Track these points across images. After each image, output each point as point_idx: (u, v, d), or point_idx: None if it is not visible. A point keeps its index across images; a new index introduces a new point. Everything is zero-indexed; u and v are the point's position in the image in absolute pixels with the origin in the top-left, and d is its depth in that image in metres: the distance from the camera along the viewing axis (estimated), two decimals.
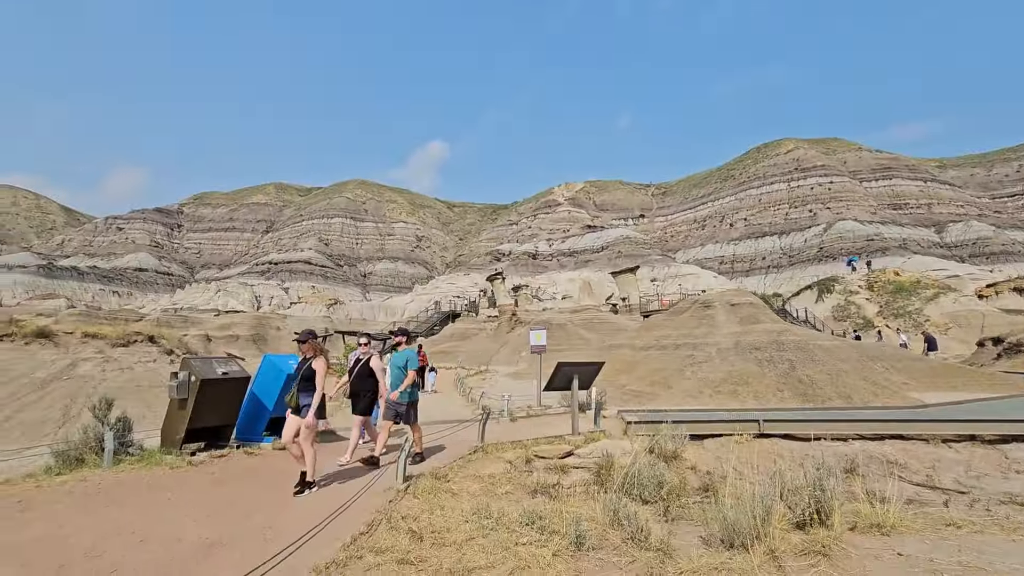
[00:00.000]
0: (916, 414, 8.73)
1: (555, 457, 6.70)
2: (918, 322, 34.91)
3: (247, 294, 73.25)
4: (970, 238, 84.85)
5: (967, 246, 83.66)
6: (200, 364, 6.99)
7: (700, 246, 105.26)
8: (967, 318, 34.53)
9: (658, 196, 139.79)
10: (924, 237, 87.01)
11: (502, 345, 34.37)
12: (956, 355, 25.68)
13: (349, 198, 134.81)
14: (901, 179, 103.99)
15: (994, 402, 10.40)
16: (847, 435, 7.63)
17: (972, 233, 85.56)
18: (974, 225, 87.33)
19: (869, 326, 35.59)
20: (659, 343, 18.03)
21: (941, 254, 79.13)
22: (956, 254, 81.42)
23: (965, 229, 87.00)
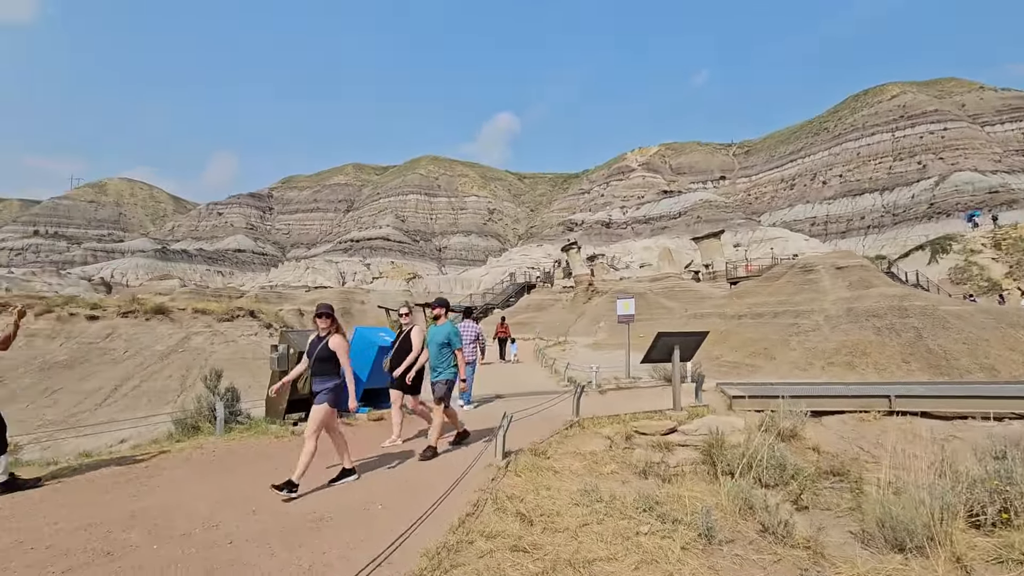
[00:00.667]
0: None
1: (657, 434, 6.25)
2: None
3: (333, 271, 77.41)
4: None
5: None
6: (297, 337, 7.15)
7: (788, 207, 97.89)
8: None
9: (740, 156, 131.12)
10: None
11: (579, 316, 33.86)
12: None
13: (422, 174, 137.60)
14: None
15: None
16: (1004, 414, 6.53)
17: None
18: None
19: (994, 289, 31.40)
20: (753, 311, 16.80)
21: None
22: None
23: None
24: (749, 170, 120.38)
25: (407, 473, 5.03)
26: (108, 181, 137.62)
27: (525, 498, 3.98)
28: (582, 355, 19.85)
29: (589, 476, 4.76)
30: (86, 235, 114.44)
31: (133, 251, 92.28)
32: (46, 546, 3.46)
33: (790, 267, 18.88)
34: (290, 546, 3.41)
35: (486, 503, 3.89)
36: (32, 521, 3.93)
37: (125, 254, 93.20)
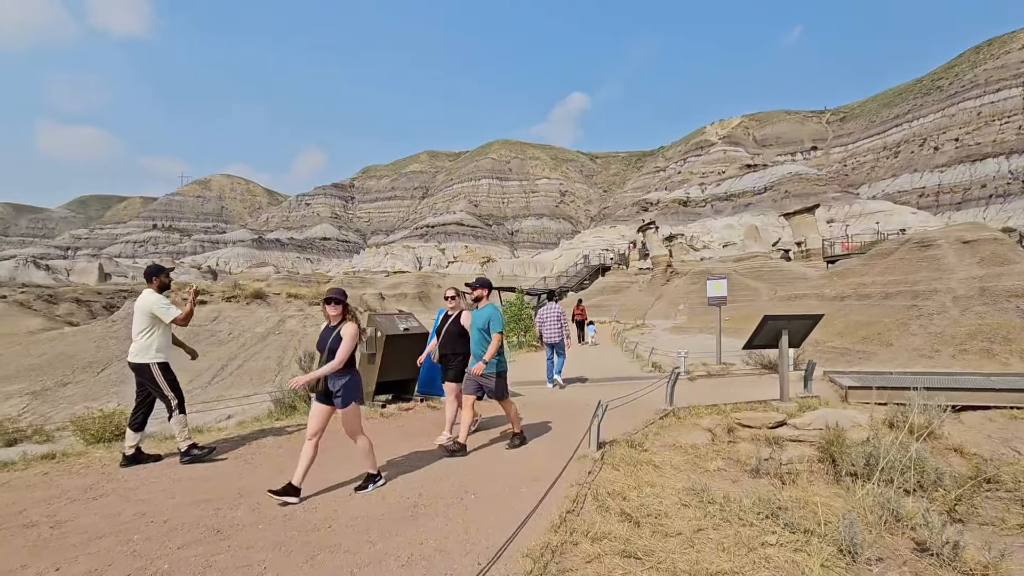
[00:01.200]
0: None
1: (764, 427, 5.70)
2: None
3: (410, 256, 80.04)
4: None
5: None
6: (384, 320, 7.23)
7: (891, 178, 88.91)
8: None
9: (835, 123, 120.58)
10: None
11: (657, 298, 32.67)
12: None
13: (494, 159, 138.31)
14: None
15: None
16: None
17: None
18: None
19: None
20: (858, 292, 15.28)
21: None
22: None
23: None
24: (845, 138, 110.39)
25: (496, 462, 4.89)
26: (211, 177, 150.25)
27: (627, 495, 3.68)
28: (663, 339, 19.05)
29: (693, 472, 4.38)
30: (195, 227, 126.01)
31: (234, 241, 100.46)
32: (164, 520, 3.62)
33: (902, 242, 16.94)
34: (388, 534, 3.34)
35: (585, 499, 3.63)
36: (154, 495, 4.17)
37: (227, 244, 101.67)
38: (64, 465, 4.99)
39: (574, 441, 5.42)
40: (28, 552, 3.19)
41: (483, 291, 5.24)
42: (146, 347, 4.94)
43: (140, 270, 79.80)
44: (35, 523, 3.66)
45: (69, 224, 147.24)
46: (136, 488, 4.30)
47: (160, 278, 5.19)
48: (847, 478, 4.81)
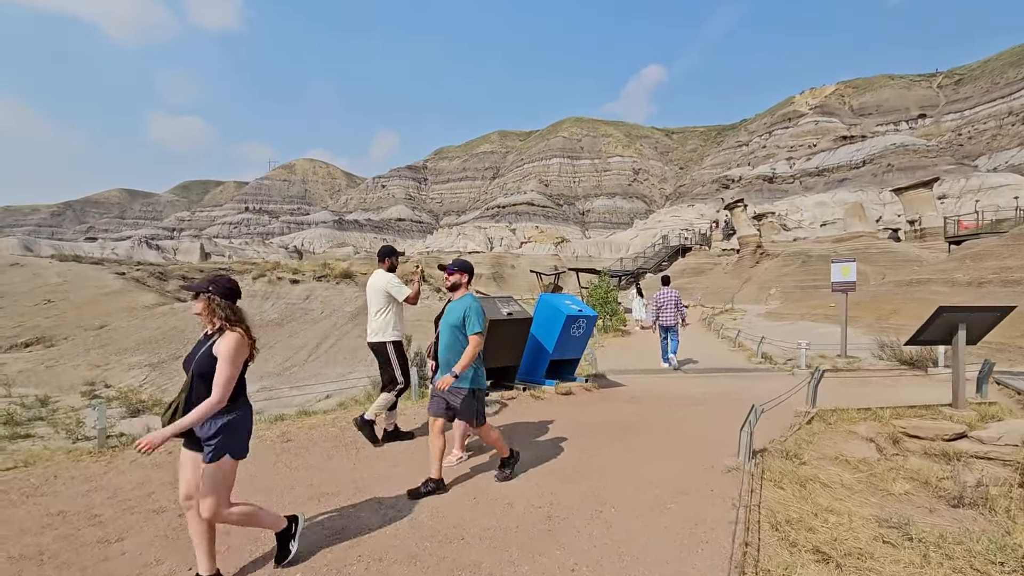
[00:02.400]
0: None
1: (938, 438, 4.79)
2: None
3: (481, 236, 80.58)
4: None
5: None
6: (486, 304, 6.86)
7: (1018, 147, 78.04)
8: None
9: (948, 88, 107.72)
10: None
11: (745, 281, 30.64)
12: None
13: (565, 137, 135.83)
14: None
15: None
16: None
17: None
18: None
19: None
20: (1002, 277, 13.29)
21: None
22: None
23: None
24: (961, 104, 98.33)
25: (627, 467, 4.38)
26: (295, 162, 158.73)
27: (810, 524, 3.06)
28: (760, 326, 17.66)
29: (874, 496, 3.66)
30: (282, 209, 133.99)
31: (316, 223, 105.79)
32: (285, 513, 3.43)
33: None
34: (529, 552, 2.93)
35: (760, 526, 3.04)
36: (274, 482, 4.04)
37: (311, 225, 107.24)
38: None
39: (708, 445, 4.81)
40: (161, 544, 3.07)
41: (462, 277, 3.99)
42: (384, 326, 5.05)
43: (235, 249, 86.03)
44: (164, 508, 3.59)
45: (174, 207, 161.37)
46: (255, 476, 4.20)
47: (391, 259, 5.27)
48: None
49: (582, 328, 7.39)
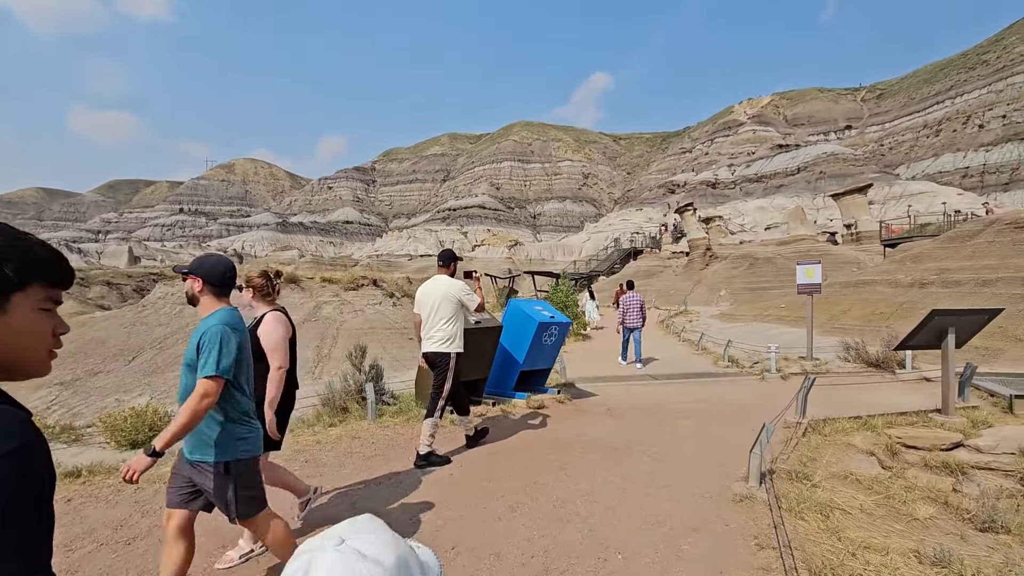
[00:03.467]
0: None
1: (935, 448, 4.59)
2: None
3: (432, 239, 79.28)
4: None
5: None
6: None
7: (932, 158, 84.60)
8: None
9: (871, 101, 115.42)
10: None
11: (696, 283, 31.27)
12: None
13: (515, 141, 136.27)
14: None
15: None
16: None
17: None
18: None
19: None
20: (942, 278, 13.85)
21: None
22: None
23: None
24: (882, 116, 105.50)
25: (626, 499, 3.87)
26: (235, 161, 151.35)
27: (851, 568, 2.64)
28: (716, 328, 17.81)
29: (897, 522, 3.32)
30: (220, 211, 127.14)
31: (258, 225, 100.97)
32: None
33: (988, 224, 15.40)
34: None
35: (797, 573, 2.59)
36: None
37: (252, 228, 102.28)
38: (90, 488, 4.14)
39: (707, 466, 4.39)
40: None
41: (196, 282, 2.34)
42: (452, 335, 4.64)
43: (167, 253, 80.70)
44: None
45: (99, 208, 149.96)
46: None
47: (455, 264, 4.92)
48: None
49: (554, 336, 6.89)
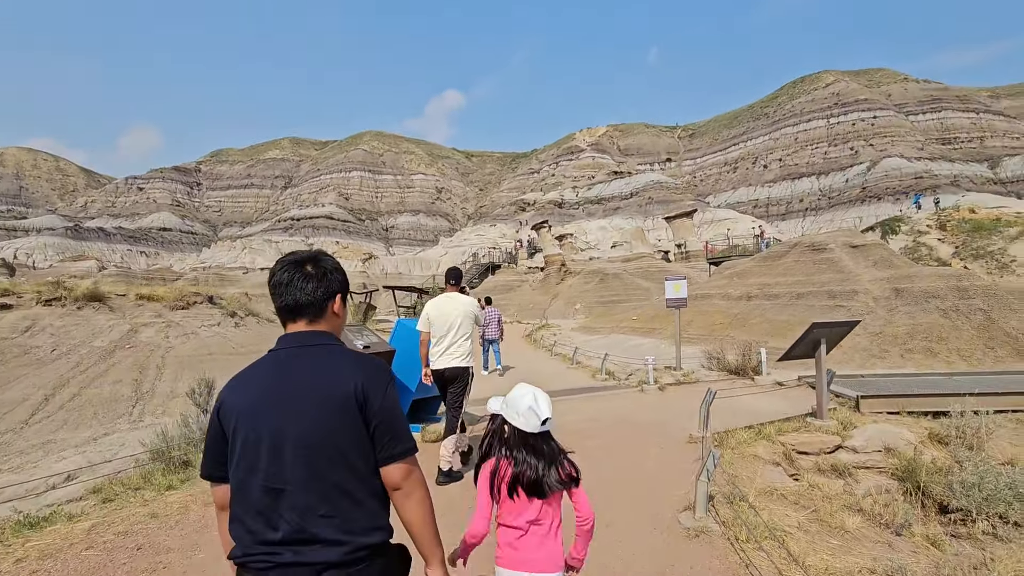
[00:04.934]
0: None
1: (822, 452, 4.93)
2: (1002, 263, 32.17)
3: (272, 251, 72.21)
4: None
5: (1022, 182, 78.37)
6: (352, 335, 5.23)
7: (732, 190, 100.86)
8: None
9: (685, 139, 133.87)
10: (977, 173, 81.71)
11: (552, 297, 32.65)
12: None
13: (366, 150, 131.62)
14: (951, 111, 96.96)
15: None
16: None
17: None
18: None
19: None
20: (765, 292, 16.03)
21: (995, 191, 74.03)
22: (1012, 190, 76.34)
23: (1022, 163, 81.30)
24: (694, 152, 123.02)
25: None
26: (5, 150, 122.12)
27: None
28: (579, 340, 18.55)
29: (832, 536, 3.34)
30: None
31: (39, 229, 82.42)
32: None
33: (792, 246, 18.30)
34: None
35: None
36: None
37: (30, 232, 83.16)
38: None
39: (642, 496, 4.12)
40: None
41: None
42: (470, 351, 4.74)
43: None
44: None
45: None
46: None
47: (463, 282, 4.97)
48: (956, 513, 4.15)
49: None
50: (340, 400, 1.32)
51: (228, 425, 1.35)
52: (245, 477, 1.31)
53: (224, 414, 1.36)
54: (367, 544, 1.29)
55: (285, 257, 1.55)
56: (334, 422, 1.31)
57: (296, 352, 1.41)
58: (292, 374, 1.36)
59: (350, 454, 1.31)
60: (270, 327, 14.17)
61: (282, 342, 1.45)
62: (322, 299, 1.48)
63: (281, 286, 1.47)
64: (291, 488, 1.28)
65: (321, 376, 1.36)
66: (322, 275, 1.50)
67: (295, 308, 1.47)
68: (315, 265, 1.51)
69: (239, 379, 1.42)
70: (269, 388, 1.36)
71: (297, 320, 1.47)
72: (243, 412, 1.34)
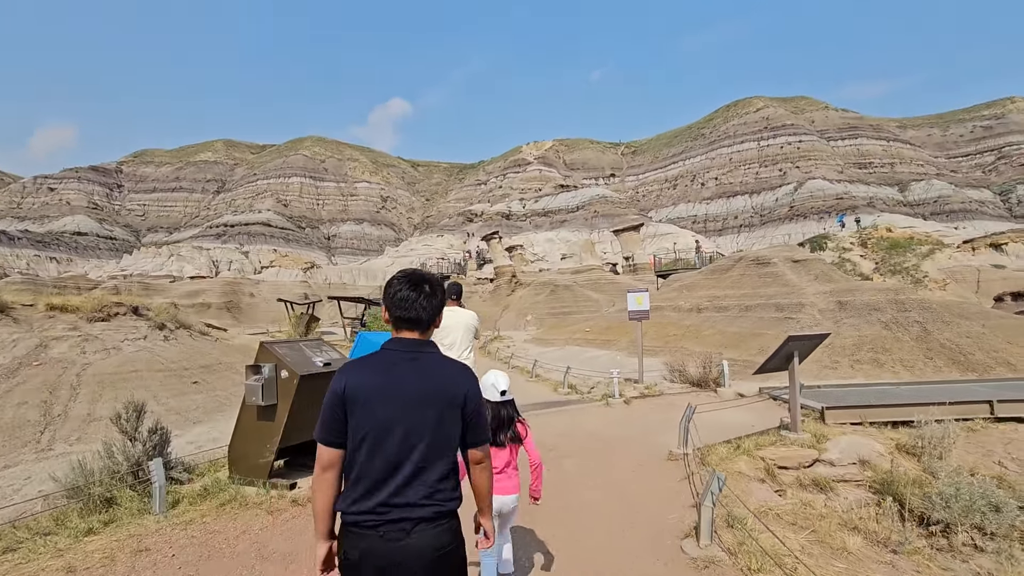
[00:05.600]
0: None
1: (801, 467, 4.88)
2: (916, 278, 34.99)
3: (203, 258, 68.05)
4: (931, 196, 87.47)
5: (929, 204, 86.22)
6: (290, 353, 4.67)
7: (672, 206, 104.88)
8: (962, 274, 34.86)
9: (628, 155, 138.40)
10: (889, 196, 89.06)
11: (503, 309, 32.41)
12: None
13: (307, 156, 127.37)
14: (866, 138, 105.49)
15: None
16: None
17: (933, 192, 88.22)
18: (935, 184, 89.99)
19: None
20: (714, 304, 16.47)
21: (906, 212, 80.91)
22: (919, 212, 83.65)
23: (927, 188, 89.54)
24: (637, 169, 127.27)
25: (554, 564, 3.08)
26: None
27: None
28: (533, 351, 18.36)
29: (836, 559, 3.21)
30: None
31: None
32: None
33: (737, 260, 18.98)
34: None
35: None
36: None
37: None
38: None
39: (633, 522, 3.86)
40: None
41: None
42: (473, 364, 4.43)
43: None
44: None
45: None
46: None
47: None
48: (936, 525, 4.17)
49: None
50: (452, 399, 1.69)
51: (354, 404, 1.62)
52: (371, 450, 1.62)
53: (350, 394, 1.63)
54: (448, 509, 1.69)
55: (406, 275, 1.83)
56: (447, 415, 1.68)
57: (414, 355, 1.73)
58: (413, 373, 1.68)
59: (453, 439, 1.71)
60: (205, 341, 13.06)
61: (397, 344, 1.76)
62: (434, 316, 1.80)
63: (407, 302, 1.76)
64: (408, 464, 1.63)
65: (438, 379, 1.70)
66: (436, 296, 1.81)
67: (416, 321, 1.77)
68: (431, 286, 1.81)
69: (360, 368, 1.70)
70: (394, 380, 1.66)
71: (413, 330, 1.78)
72: (371, 397, 1.63)
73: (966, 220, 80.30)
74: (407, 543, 1.59)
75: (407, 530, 1.59)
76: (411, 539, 1.59)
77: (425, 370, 1.69)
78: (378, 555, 1.58)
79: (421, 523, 1.61)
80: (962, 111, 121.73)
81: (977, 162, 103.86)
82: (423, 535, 1.61)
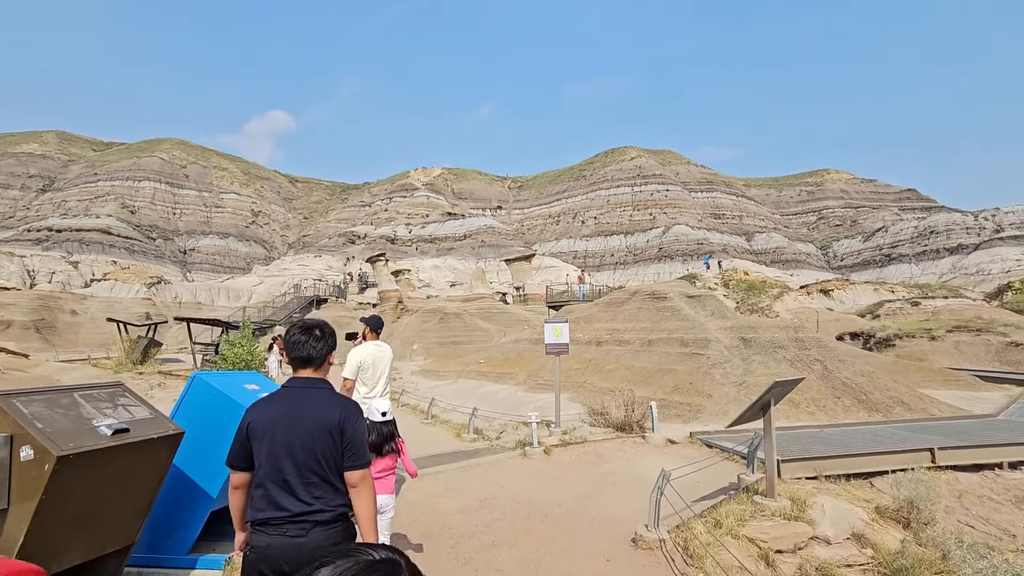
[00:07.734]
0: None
1: (797, 548, 3.89)
2: (769, 317, 38.93)
3: (14, 267, 55.90)
4: (771, 247, 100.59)
5: (769, 253, 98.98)
6: (47, 412, 2.63)
7: (555, 240, 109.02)
8: (805, 314, 39.43)
9: (515, 189, 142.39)
10: (739, 244, 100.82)
11: (388, 336, 29.88)
12: None
13: (164, 159, 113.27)
14: (720, 193, 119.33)
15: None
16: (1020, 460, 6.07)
17: (772, 243, 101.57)
18: (773, 236, 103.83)
19: None
20: (614, 337, 16.07)
21: (752, 259, 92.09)
22: (762, 259, 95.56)
23: (767, 239, 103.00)
24: (522, 203, 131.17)
25: None
26: None
27: None
28: (423, 385, 16.52)
29: None
30: None
31: None
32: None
33: (632, 293, 18.99)
34: None
35: None
36: None
37: None
38: None
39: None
40: None
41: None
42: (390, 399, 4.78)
43: None
44: None
45: None
46: None
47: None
48: None
49: None
50: (334, 426, 2.10)
51: (254, 435, 2.09)
52: (269, 469, 2.06)
53: (253, 428, 2.10)
54: (340, 512, 2.10)
55: (302, 323, 2.33)
56: (332, 439, 2.09)
57: (308, 391, 2.21)
58: (302, 406, 2.14)
59: (333, 460, 2.10)
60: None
61: (295, 382, 2.25)
62: (324, 356, 2.29)
63: (299, 344, 2.25)
64: (299, 477, 2.05)
65: (325, 410, 2.13)
66: (325, 338, 2.31)
67: (308, 359, 2.27)
68: (321, 331, 2.31)
69: (263, 405, 2.18)
70: (286, 412, 2.12)
71: (307, 367, 2.27)
72: (271, 427, 2.09)
73: (797, 269, 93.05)
74: (305, 541, 1.97)
75: (306, 530, 1.99)
76: (308, 538, 1.97)
77: (316, 402, 2.14)
78: (278, 549, 1.97)
79: (318, 525, 2.01)
80: (792, 176, 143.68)
81: (803, 220, 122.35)
82: (317, 535, 1.99)
